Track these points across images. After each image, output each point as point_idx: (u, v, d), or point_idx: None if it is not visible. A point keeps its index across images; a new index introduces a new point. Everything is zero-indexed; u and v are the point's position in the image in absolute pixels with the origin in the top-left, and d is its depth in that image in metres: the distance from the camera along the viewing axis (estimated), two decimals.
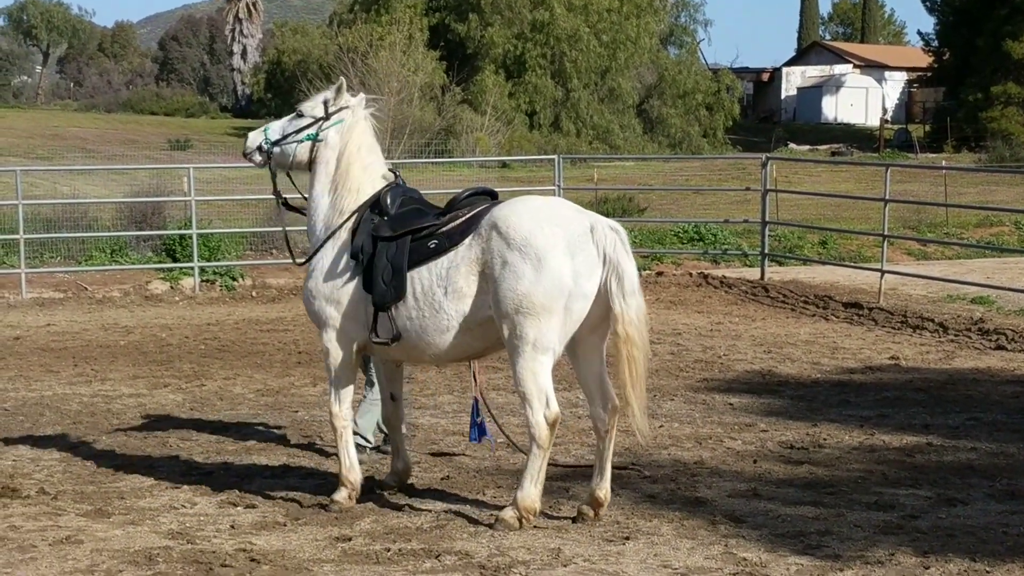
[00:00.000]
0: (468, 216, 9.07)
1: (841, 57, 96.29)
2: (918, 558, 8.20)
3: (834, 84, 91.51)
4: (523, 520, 8.78)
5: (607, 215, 28.01)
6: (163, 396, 14.06)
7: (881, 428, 12.11)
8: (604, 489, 9.01)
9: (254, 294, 22.97)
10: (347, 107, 10.03)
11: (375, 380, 10.77)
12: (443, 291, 8.94)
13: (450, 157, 45.45)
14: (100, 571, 8.00)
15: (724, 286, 22.78)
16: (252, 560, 8.18)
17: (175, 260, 23.98)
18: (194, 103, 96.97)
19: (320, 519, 9.18)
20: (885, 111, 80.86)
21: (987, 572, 7.97)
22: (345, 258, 9.41)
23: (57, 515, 9.34)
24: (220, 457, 11.08)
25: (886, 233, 22.04)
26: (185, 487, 10.09)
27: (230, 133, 67.96)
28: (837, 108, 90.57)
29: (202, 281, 23.18)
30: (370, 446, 11.16)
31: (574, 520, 8.97)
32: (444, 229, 9.08)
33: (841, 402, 13.42)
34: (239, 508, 9.47)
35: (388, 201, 9.46)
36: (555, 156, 27.48)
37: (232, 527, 8.99)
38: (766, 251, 24.00)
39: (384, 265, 9.13)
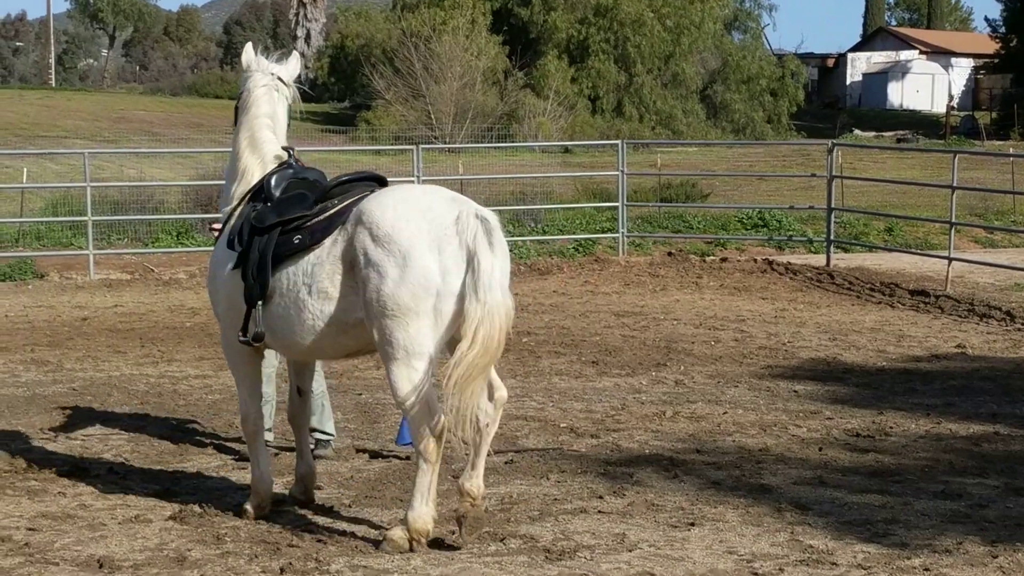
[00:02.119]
0: (336, 209, 8.28)
1: (907, 43, 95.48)
2: (986, 547, 8.15)
3: (900, 70, 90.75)
4: (413, 542, 7.98)
5: (670, 201, 27.93)
6: (228, 377, 14.09)
7: (948, 417, 12.03)
8: (475, 482, 8.07)
9: None
10: (247, 75, 9.27)
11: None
12: (307, 290, 8.18)
13: (512, 142, 45.38)
14: (169, 549, 8.07)
15: (789, 272, 22.68)
16: (319, 541, 8.23)
17: None
18: None
19: (383, 501, 9.21)
20: (951, 97, 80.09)
21: None
22: (228, 249, 8.71)
23: (126, 494, 9.43)
24: (285, 438, 11.12)
25: (953, 220, 21.86)
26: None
27: (294, 117, 68.00)
28: (903, 94, 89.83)
29: None
30: (332, 437, 10.72)
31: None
32: (310, 223, 8.29)
33: (907, 390, 13.35)
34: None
35: (271, 185, 8.70)
36: (618, 141, 27.42)
37: (298, 507, 9.04)
38: (832, 238, 23.87)
39: (255, 258, 8.39)
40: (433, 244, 7.81)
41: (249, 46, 9.37)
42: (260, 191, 8.72)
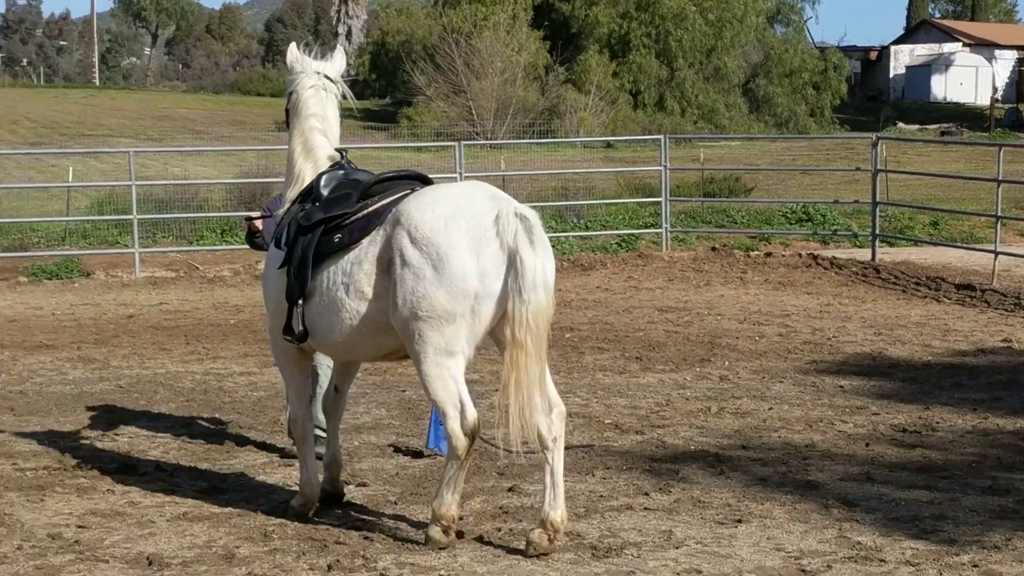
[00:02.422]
0: (374, 208, 8.22)
1: (950, 35, 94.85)
2: None
3: (943, 63, 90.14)
4: (447, 530, 8.01)
5: (713, 195, 27.86)
6: (273, 374, 14.17)
7: (995, 412, 11.96)
8: (558, 510, 7.92)
9: None
10: (294, 76, 9.30)
11: (318, 371, 10.20)
12: (345, 289, 8.14)
13: (554, 137, 45.37)
14: (217, 546, 8.11)
15: (834, 267, 22.57)
16: (365, 538, 8.26)
17: None
18: None
19: (429, 497, 9.20)
20: (995, 90, 79.57)
21: None
22: (276, 248, 8.77)
23: (173, 491, 9.48)
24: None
25: (999, 214, 21.71)
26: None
27: (344, 112, 68.24)
28: (946, 87, 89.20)
29: None
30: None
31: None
32: (348, 222, 8.25)
33: (953, 385, 13.27)
34: (350, 487, 9.54)
35: (321, 185, 8.67)
36: (661, 136, 27.37)
37: (346, 504, 9.07)
38: (876, 232, 23.77)
39: (297, 256, 8.39)
40: (472, 245, 7.71)
41: (293, 46, 9.36)
42: (310, 192, 8.69)
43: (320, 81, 9.14)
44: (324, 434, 10.01)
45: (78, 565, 7.77)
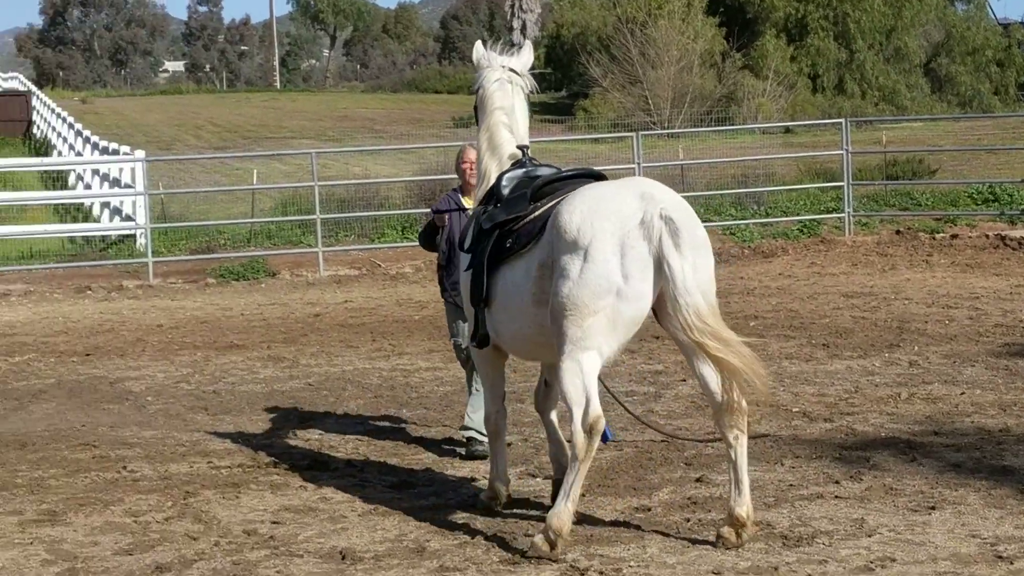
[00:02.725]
0: (540, 211, 8.15)
1: None
2: None
3: None
4: (555, 544, 7.71)
5: (896, 178, 27.30)
6: (458, 369, 14.26)
7: None
8: (744, 505, 7.82)
9: None
10: (480, 73, 9.13)
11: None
12: (519, 295, 8.11)
13: (732, 124, 45.01)
14: (408, 540, 8.20)
15: (1023, 247, 22.04)
16: None
17: None
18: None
19: (616, 489, 9.22)
20: None
21: None
22: (462, 251, 8.82)
23: (364, 487, 9.61)
24: (515, 428, 11.18)
25: None
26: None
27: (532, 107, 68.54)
28: None
29: None
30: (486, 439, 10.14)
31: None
32: (519, 226, 8.18)
33: None
34: (538, 479, 9.58)
35: (501, 185, 8.56)
36: (841, 120, 27.01)
37: (534, 497, 9.11)
38: None
39: (477, 260, 8.40)
40: (616, 246, 7.57)
41: (479, 43, 9.27)
42: (493, 192, 8.63)
43: (505, 75, 9.02)
44: (481, 437, 10.09)
45: (273, 560, 7.91)
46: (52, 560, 8.01)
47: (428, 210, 25.12)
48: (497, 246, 8.29)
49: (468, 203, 10.26)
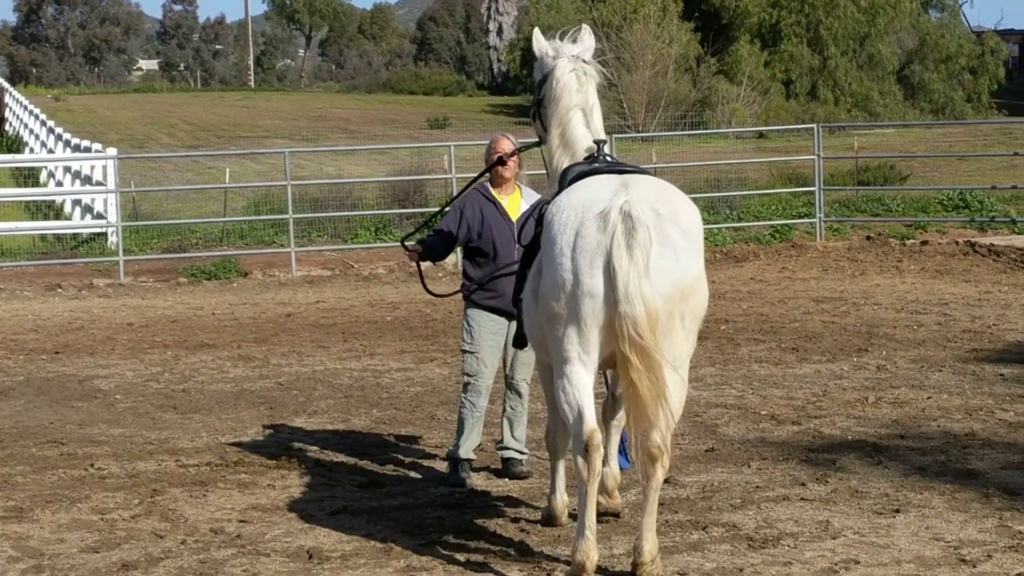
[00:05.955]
0: None
1: None
2: None
3: None
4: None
5: (867, 184, 27.34)
6: (429, 370, 14.33)
7: None
8: (648, 542, 7.23)
9: None
10: (546, 63, 8.29)
11: (521, 390, 9.77)
12: (535, 298, 7.55)
13: (706, 129, 45.10)
14: (376, 540, 8.21)
15: (992, 254, 22.14)
16: (522, 531, 8.31)
17: None
18: (451, 82, 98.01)
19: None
20: None
21: None
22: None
23: (332, 486, 9.63)
24: (486, 431, 11.17)
25: None
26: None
27: (487, 111, 68.71)
28: None
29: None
30: (527, 455, 9.94)
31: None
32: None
33: None
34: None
35: (566, 181, 7.70)
36: (813, 125, 27.11)
37: (508, 496, 9.14)
38: None
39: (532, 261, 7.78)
40: (572, 240, 7.03)
41: (537, 32, 8.52)
42: (560, 188, 7.75)
43: (578, 64, 8.18)
44: (520, 456, 9.78)
45: (240, 559, 7.92)
46: (18, 557, 8.01)
47: (403, 211, 25.14)
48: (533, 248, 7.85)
49: (499, 197, 9.79)
